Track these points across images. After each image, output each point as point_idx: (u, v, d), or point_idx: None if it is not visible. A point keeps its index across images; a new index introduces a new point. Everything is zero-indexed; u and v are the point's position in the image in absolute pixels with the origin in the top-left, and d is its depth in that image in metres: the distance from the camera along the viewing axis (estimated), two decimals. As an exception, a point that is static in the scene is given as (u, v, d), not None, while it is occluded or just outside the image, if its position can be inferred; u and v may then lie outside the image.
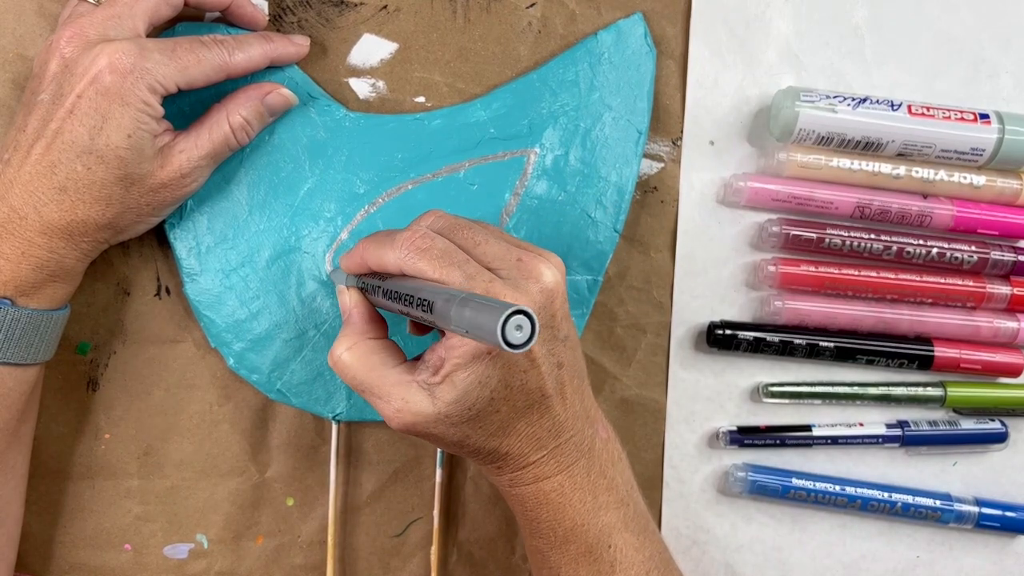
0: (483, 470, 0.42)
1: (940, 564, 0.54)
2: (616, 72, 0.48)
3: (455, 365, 0.36)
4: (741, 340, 0.50)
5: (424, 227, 0.38)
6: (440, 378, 0.37)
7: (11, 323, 0.39)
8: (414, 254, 0.36)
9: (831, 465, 0.53)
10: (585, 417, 0.41)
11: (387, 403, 0.38)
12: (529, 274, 0.37)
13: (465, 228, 0.38)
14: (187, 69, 0.40)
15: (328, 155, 0.46)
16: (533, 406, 0.38)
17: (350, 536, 0.50)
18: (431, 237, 0.37)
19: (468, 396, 0.37)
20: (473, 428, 0.38)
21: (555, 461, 0.40)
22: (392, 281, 0.37)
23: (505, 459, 0.40)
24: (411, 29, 0.47)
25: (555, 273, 0.37)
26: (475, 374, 0.36)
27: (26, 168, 0.38)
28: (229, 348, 0.46)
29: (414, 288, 0.35)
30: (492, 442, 0.39)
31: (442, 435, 0.38)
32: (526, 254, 0.38)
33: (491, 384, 0.37)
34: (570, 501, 0.40)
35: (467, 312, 0.30)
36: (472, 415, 0.37)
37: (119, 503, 0.48)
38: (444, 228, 0.38)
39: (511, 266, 0.37)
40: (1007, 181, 0.50)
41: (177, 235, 0.45)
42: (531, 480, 0.40)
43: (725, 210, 0.51)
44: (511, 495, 0.42)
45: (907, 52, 0.51)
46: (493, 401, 0.37)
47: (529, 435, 0.39)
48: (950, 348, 0.51)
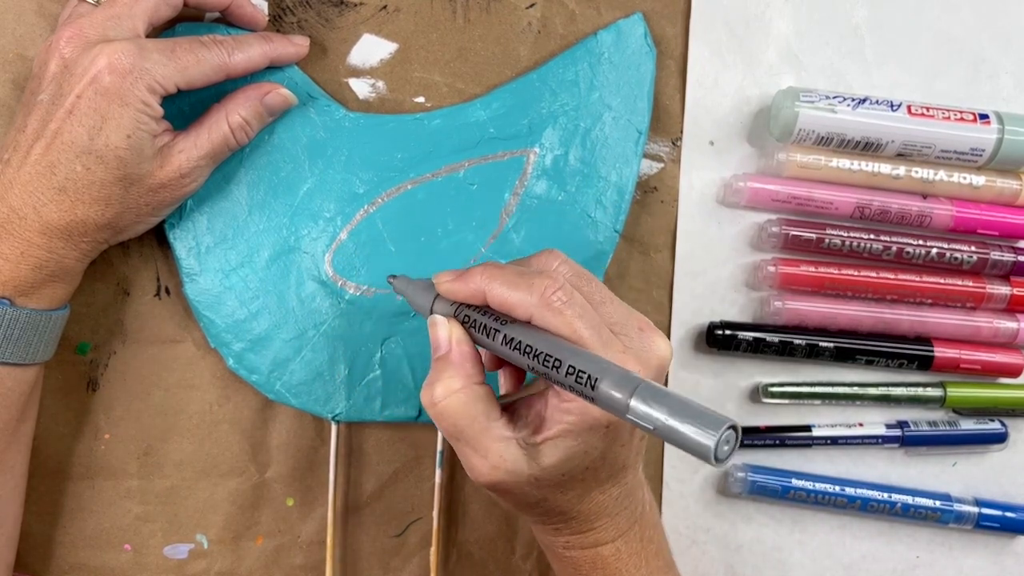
0: (537, 530, 0.41)
1: (940, 564, 0.54)
2: (616, 72, 0.48)
3: (563, 431, 0.35)
4: (741, 340, 0.50)
5: (561, 276, 0.35)
6: (541, 439, 0.35)
7: (10, 323, 0.39)
8: (552, 309, 0.34)
9: (831, 465, 0.53)
10: (641, 483, 0.40)
11: (482, 459, 0.35)
12: (651, 346, 0.35)
13: (588, 282, 0.36)
14: (186, 69, 0.40)
15: (328, 155, 0.46)
16: (613, 476, 0.38)
17: (350, 536, 0.50)
18: (571, 292, 0.34)
19: (568, 463, 0.35)
20: (554, 493, 0.37)
21: (615, 527, 0.39)
22: (516, 328, 0.34)
23: (569, 523, 0.39)
24: (411, 29, 0.47)
25: (669, 346, 0.36)
26: (584, 444, 0.35)
27: (26, 168, 0.38)
28: (229, 348, 0.46)
29: (558, 350, 0.32)
30: (564, 506, 0.38)
31: (524, 495, 0.37)
32: (643, 322, 0.36)
33: (593, 455, 0.36)
34: (626, 567, 0.39)
35: (662, 410, 0.28)
36: (563, 480, 0.36)
37: (119, 503, 0.48)
38: (571, 277, 0.36)
39: (633, 334, 0.35)
40: (1007, 181, 0.50)
41: (177, 235, 0.45)
42: (590, 544, 0.39)
43: (725, 210, 0.51)
44: (563, 557, 0.40)
45: (907, 52, 0.51)
46: (586, 471, 0.36)
47: (600, 503, 0.38)
48: (950, 348, 0.51)
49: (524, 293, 0.34)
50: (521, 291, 0.34)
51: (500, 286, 0.35)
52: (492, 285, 0.35)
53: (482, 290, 0.36)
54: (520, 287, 0.34)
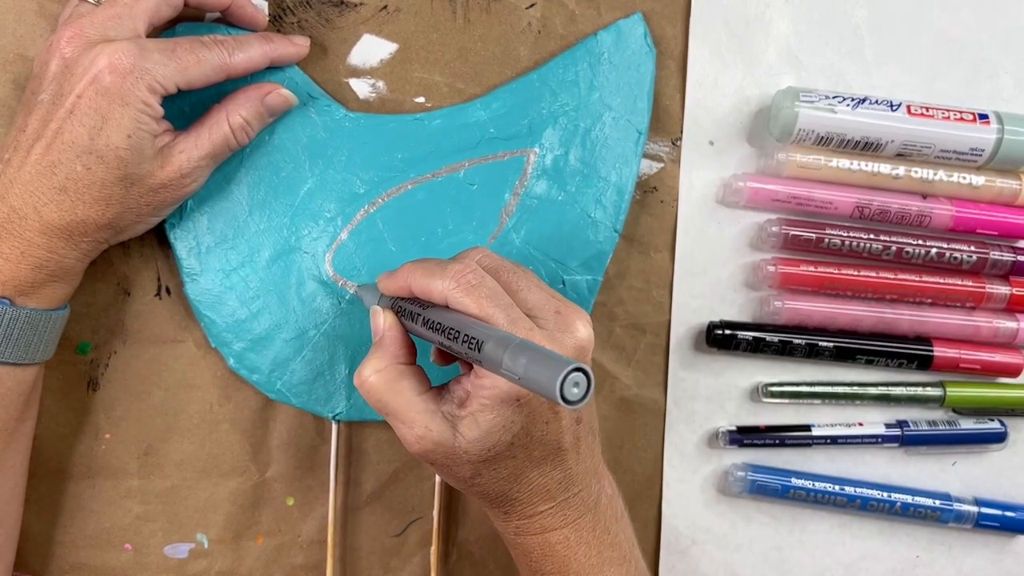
0: (490, 514, 0.43)
1: (940, 564, 0.54)
2: (616, 72, 0.48)
3: (481, 405, 0.37)
4: (740, 340, 0.50)
5: (474, 263, 0.38)
6: (464, 413, 0.37)
7: (10, 323, 0.39)
8: (462, 289, 0.36)
9: (831, 465, 0.53)
10: (594, 473, 0.41)
11: (410, 429, 0.38)
12: (567, 327, 0.38)
13: (510, 271, 0.39)
14: (187, 69, 0.40)
15: (328, 155, 0.46)
16: (548, 457, 0.39)
17: (350, 536, 0.50)
18: (481, 275, 0.37)
19: (489, 437, 0.37)
20: (487, 468, 0.38)
21: (562, 514, 0.40)
22: (434, 311, 0.37)
23: (513, 505, 0.40)
24: (411, 29, 0.47)
25: (589, 329, 0.38)
26: (500, 417, 0.37)
27: (26, 168, 0.38)
28: (229, 348, 0.46)
29: (461, 323, 0.35)
30: (502, 486, 0.39)
31: (456, 469, 0.39)
32: (564, 307, 0.38)
33: (513, 430, 0.37)
34: (575, 555, 0.41)
35: (522, 359, 0.31)
36: (489, 456, 0.38)
37: (119, 503, 0.48)
38: (491, 268, 0.38)
39: (549, 316, 0.38)
40: (1006, 181, 0.50)
41: (177, 235, 0.45)
42: (537, 530, 0.40)
43: (725, 210, 0.51)
44: (516, 544, 0.42)
45: (907, 52, 0.51)
46: (512, 447, 0.38)
47: (540, 485, 0.40)
48: (949, 348, 0.51)
49: (439, 279, 0.37)
50: (436, 277, 0.37)
51: (421, 276, 0.38)
52: (413, 276, 0.39)
53: (408, 282, 0.39)
54: (436, 274, 0.38)
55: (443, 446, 0.38)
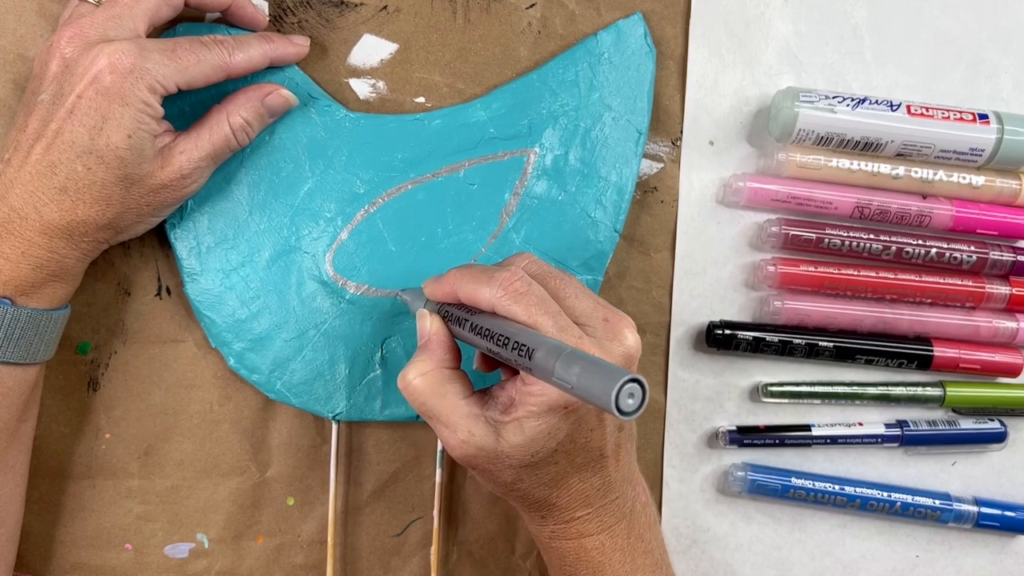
0: (526, 518, 0.43)
1: (939, 564, 0.54)
2: (616, 72, 0.48)
3: (528, 412, 0.37)
4: (740, 340, 0.50)
5: (521, 270, 0.38)
6: (509, 419, 0.37)
7: (11, 322, 0.39)
8: (511, 296, 0.36)
9: (830, 465, 0.53)
10: (630, 480, 0.42)
11: (453, 433, 0.38)
12: (615, 335, 0.38)
13: (557, 278, 0.39)
14: (187, 69, 0.40)
15: (328, 155, 0.46)
16: (589, 464, 0.39)
17: (350, 536, 0.50)
18: (528, 282, 0.37)
19: (534, 444, 0.37)
20: (528, 474, 0.38)
21: (599, 520, 0.40)
22: (482, 317, 0.37)
23: (551, 510, 0.40)
24: (411, 30, 0.47)
25: (637, 337, 0.38)
26: (546, 424, 0.37)
27: (26, 168, 0.38)
28: (229, 348, 0.46)
29: (510, 330, 0.35)
30: (542, 491, 0.39)
31: (497, 473, 0.39)
32: (612, 314, 0.38)
33: (558, 437, 0.37)
34: (609, 561, 0.41)
35: (575, 369, 0.31)
36: (533, 462, 0.38)
37: (120, 503, 0.48)
38: (537, 274, 0.38)
39: (597, 324, 0.38)
40: (1006, 181, 0.50)
41: (178, 235, 0.45)
42: (574, 535, 0.41)
43: (725, 210, 0.51)
44: (551, 548, 0.42)
45: (907, 52, 0.51)
46: (555, 453, 0.38)
47: (579, 491, 0.40)
48: (949, 348, 0.51)
49: (486, 287, 0.37)
50: (484, 285, 0.37)
51: (468, 283, 0.38)
52: (461, 283, 0.38)
53: (455, 289, 0.39)
54: (483, 281, 0.37)
55: (486, 451, 0.37)
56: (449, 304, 0.40)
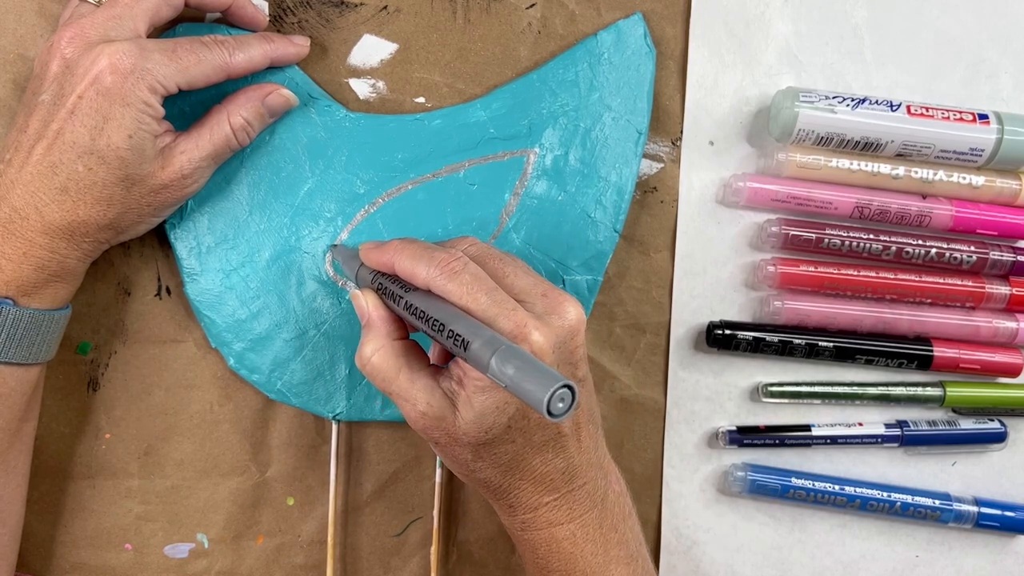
0: (498, 511, 0.42)
1: (939, 564, 0.54)
2: (616, 72, 0.48)
3: (475, 387, 0.37)
4: (740, 340, 0.50)
5: (459, 251, 0.38)
6: (462, 393, 0.37)
7: (12, 323, 0.39)
8: (446, 275, 0.37)
9: (830, 465, 0.53)
10: (599, 466, 0.41)
11: (413, 406, 0.38)
12: (554, 308, 0.37)
13: (496, 258, 0.39)
14: (187, 69, 0.40)
15: (328, 155, 0.46)
16: (548, 443, 0.39)
17: (350, 536, 0.50)
18: (464, 261, 0.37)
19: (485, 419, 0.37)
20: (487, 452, 0.38)
21: (567, 508, 0.40)
22: (417, 296, 0.38)
23: (517, 497, 0.40)
24: (411, 30, 0.47)
25: (579, 311, 0.38)
26: (493, 399, 0.37)
27: (27, 169, 0.38)
28: (229, 348, 0.46)
29: (446, 316, 0.35)
30: (503, 476, 0.39)
31: (457, 450, 0.39)
32: (551, 290, 0.38)
33: (508, 411, 0.37)
34: (582, 552, 0.40)
35: (510, 367, 0.31)
36: (487, 439, 0.38)
37: (120, 503, 0.48)
38: (476, 255, 0.39)
39: (536, 299, 0.38)
40: (1006, 181, 0.50)
41: (178, 235, 0.45)
42: (543, 525, 0.40)
43: (724, 210, 0.51)
44: (523, 540, 0.42)
45: (907, 52, 0.51)
46: (510, 430, 0.38)
47: (542, 474, 0.39)
48: (949, 348, 0.51)
49: (424, 264, 0.37)
50: (422, 262, 0.37)
51: (407, 258, 0.38)
52: (400, 257, 0.39)
53: (392, 260, 0.39)
54: (422, 259, 0.38)
55: (444, 422, 0.38)
56: (383, 275, 0.40)
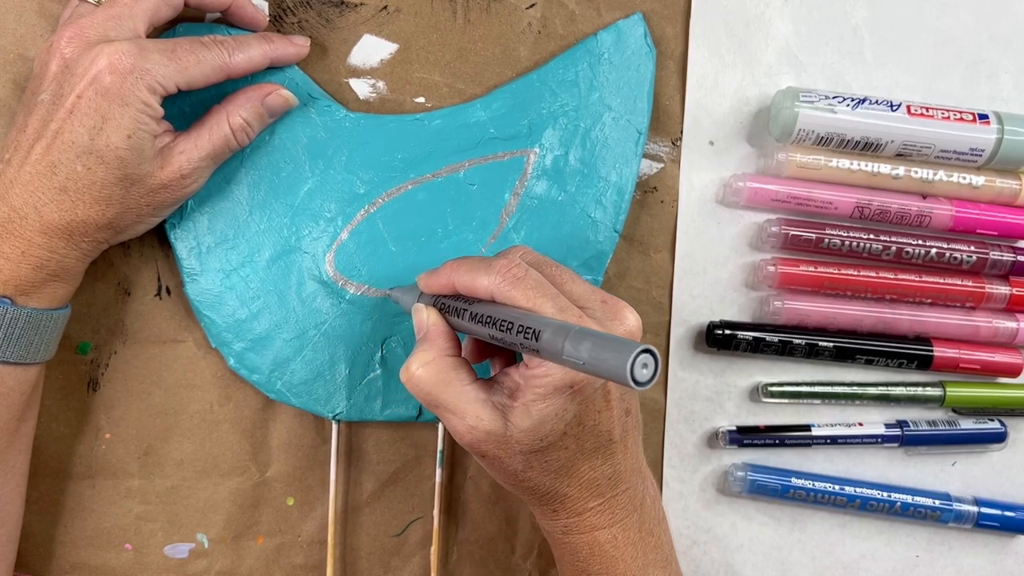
0: (537, 513, 0.42)
1: (939, 564, 0.54)
2: (616, 72, 0.48)
3: (535, 395, 0.37)
4: (740, 340, 0.50)
5: (518, 258, 0.38)
6: (516, 403, 0.37)
7: (11, 322, 0.39)
8: (509, 282, 0.37)
9: (830, 465, 0.53)
10: (639, 471, 0.42)
11: (460, 419, 0.38)
12: (615, 315, 0.38)
13: (552, 266, 0.39)
14: (187, 69, 0.40)
15: (328, 155, 0.46)
16: (599, 450, 0.39)
17: (350, 536, 0.50)
18: (525, 268, 0.37)
19: (543, 427, 0.37)
20: (538, 459, 0.38)
21: (610, 512, 0.40)
22: (481, 305, 0.38)
23: (563, 502, 0.40)
24: (411, 30, 0.47)
25: (637, 318, 0.38)
26: (553, 406, 0.37)
27: (26, 168, 0.38)
28: (229, 348, 0.46)
29: (513, 315, 0.35)
30: (553, 481, 0.39)
31: (507, 460, 0.39)
32: (609, 297, 0.39)
33: (566, 418, 0.37)
34: (622, 555, 0.41)
35: (586, 345, 0.31)
36: (542, 446, 0.38)
37: (119, 503, 0.48)
38: (533, 262, 0.39)
39: (596, 306, 0.38)
40: (1006, 181, 0.50)
41: (178, 235, 0.45)
42: (587, 529, 0.40)
43: (724, 210, 0.51)
44: (563, 543, 0.42)
45: (907, 52, 0.51)
46: (564, 436, 0.38)
47: (590, 480, 0.40)
48: (949, 348, 0.51)
49: (484, 275, 0.37)
50: (481, 273, 0.38)
51: (465, 273, 0.39)
52: (457, 274, 0.39)
53: (451, 280, 0.39)
54: (481, 270, 0.38)
55: (494, 435, 0.37)
56: (445, 296, 0.40)
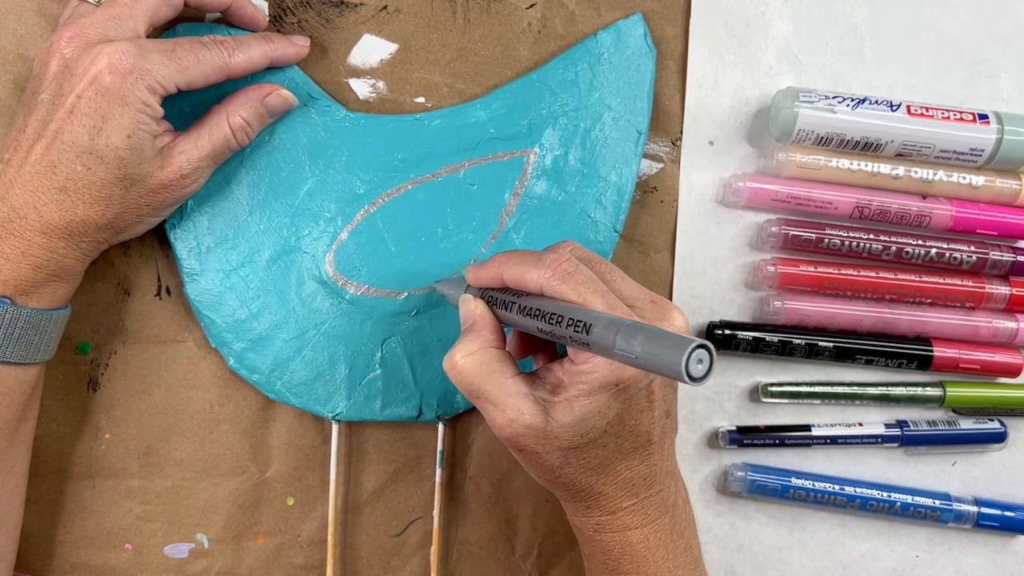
0: (569, 510, 0.42)
1: (939, 564, 0.54)
2: (616, 72, 0.48)
3: (579, 391, 0.37)
4: (740, 340, 0.50)
5: (568, 252, 0.38)
6: (559, 399, 0.37)
7: (11, 322, 0.39)
8: (559, 277, 0.36)
9: (830, 465, 0.53)
10: (672, 473, 0.42)
11: (501, 411, 0.38)
12: (663, 315, 0.38)
13: (601, 263, 0.39)
14: (187, 69, 0.40)
15: (328, 155, 0.46)
16: (637, 450, 0.39)
17: (350, 536, 0.50)
18: (575, 263, 0.37)
19: (584, 423, 0.37)
20: (577, 456, 0.38)
21: (643, 512, 0.40)
22: (530, 299, 0.37)
23: (597, 500, 0.40)
24: (411, 30, 0.47)
25: (685, 319, 0.38)
26: (596, 403, 0.37)
27: (26, 168, 0.38)
28: (229, 348, 0.46)
29: (564, 308, 0.35)
30: (589, 478, 0.39)
31: (545, 455, 0.38)
32: (657, 297, 0.39)
33: (608, 416, 0.37)
34: (653, 556, 0.41)
35: (639, 339, 0.31)
36: (581, 443, 0.38)
37: (120, 503, 0.48)
38: (583, 258, 0.39)
39: (645, 305, 0.38)
40: (1006, 181, 0.50)
41: (178, 235, 0.45)
42: (619, 528, 0.40)
43: (724, 210, 0.51)
44: (595, 541, 0.42)
45: (906, 52, 0.51)
46: (605, 435, 0.38)
47: (626, 479, 0.39)
48: (949, 348, 0.51)
49: (534, 268, 0.37)
50: (531, 267, 0.37)
51: (514, 266, 0.38)
52: (507, 267, 0.39)
53: (500, 272, 0.39)
54: (531, 264, 0.38)
55: (535, 430, 0.37)
56: (493, 289, 0.40)
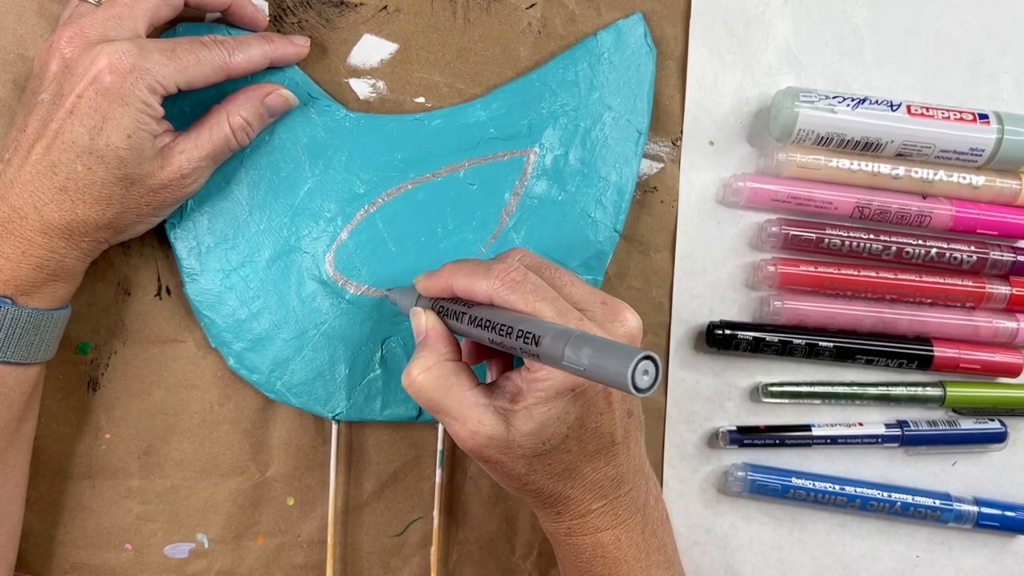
0: (541, 516, 0.42)
1: (940, 564, 0.54)
2: (616, 72, 0.48)
3: (537, 398, 0.37)
4: (740, 340, 0.50)
5: (516, 261, 0.38)
6: (518, 407, 0.37)
7: (11, 322, 0.39)
8: (507, 286, 0.36)
9: (830, 465, 0.53)
10: (642, 472, 0.42)
11: (462, 424, 0.38)
12: (615, 316, 0.38)
13: (552, 268, 0.39)
14: (187, 69, 0.40)
15: (328, 155, 0.46)
16: (601, 452, 0.39)
17: (350, 536, 0.50)
18: (523, 272, 0.37)
19: (545, 430, 0.37)
20: (541, 463, 0.38)
21: (613, 513, 0.40)
22: (480, 309, 0.37)
23: (566, 504, 0.40)
24: (411, 30, 0.47)
25: (637, 319, 0.38)
26: (555, 409, 0.37)
27: (27, 168, 0.38)
28: (229, 348, 0.46)
29: (512, 320, 0.35)
30: (556, 484, 0.39)
31: (509, 465, 0.38)
32: (608, 298, 0.38)
33: (568, 421, 0.37)
34: (625, 557, 0.41)
35: (586, 351, 0.31)
36: (545, 450, 0.38)
37: (120, 503, 0.48)
38: (532, 265, 0.39)
39: (596, 308, 0.38)
40: (1006, 181, 0.50)
41: (178, 235, 0.45)
42: (590, 531, 0.40)
43: (725, 210, 0.51)
44: (567, 545, 0.42)
45: (907, 52, 0.51)
46: (567, 439, 0.38)
47: (593, 481, 0.40)
48: (949, 348, 0.51)
49: (483, 278, 0.37)
50: (480, 277, 0.38)
51: (463, 277, 0.38)
52: (456, 277, 0.39)
53: (450, 283, 0.39)
54: (480, 274, 0.38)
55: (496, 440, 0.37)
56: (444, 299, 0.40)
